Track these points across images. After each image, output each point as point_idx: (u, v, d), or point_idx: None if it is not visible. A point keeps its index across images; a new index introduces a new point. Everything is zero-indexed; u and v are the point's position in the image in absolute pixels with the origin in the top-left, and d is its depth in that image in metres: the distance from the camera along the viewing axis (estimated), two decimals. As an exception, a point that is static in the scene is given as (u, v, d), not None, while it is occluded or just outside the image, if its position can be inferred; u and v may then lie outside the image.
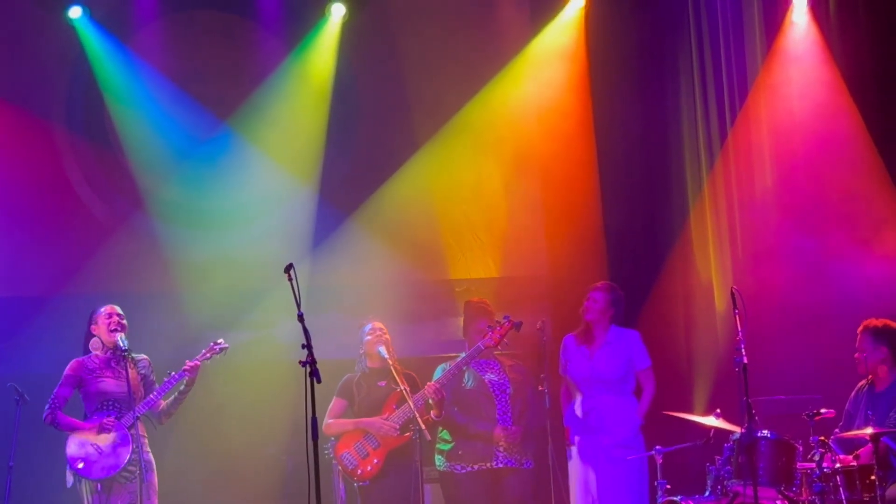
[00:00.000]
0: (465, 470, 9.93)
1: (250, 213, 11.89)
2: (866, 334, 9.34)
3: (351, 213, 11.98)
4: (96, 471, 9.48)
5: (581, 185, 11.91)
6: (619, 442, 9.94)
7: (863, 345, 9.35)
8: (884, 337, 9.27)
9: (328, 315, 11.24)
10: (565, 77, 12.02)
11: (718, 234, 11.75)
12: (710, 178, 11.78)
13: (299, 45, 11.95)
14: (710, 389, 11.25)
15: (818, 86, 11.55)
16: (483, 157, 12.16)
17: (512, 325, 9.86)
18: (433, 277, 12.09)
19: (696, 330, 11.69)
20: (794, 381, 10.86)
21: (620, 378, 10.04)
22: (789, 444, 8.96)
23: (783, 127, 11.61)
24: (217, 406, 11.36)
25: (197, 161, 11.80)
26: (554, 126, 12.01)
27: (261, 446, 11.58)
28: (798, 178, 11.48)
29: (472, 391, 10.05)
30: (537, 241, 12.14)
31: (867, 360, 9.30)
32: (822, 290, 11.01)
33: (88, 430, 9.54)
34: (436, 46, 12.00)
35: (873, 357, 9.28)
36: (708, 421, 9.32)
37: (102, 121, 11.76)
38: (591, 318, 10.12)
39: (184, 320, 11.45)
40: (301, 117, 11.95)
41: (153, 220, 11.73)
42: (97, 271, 11.51)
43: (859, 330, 9.37)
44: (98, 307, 9.79)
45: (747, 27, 11.78)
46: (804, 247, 11.27)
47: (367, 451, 9.81)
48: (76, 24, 11.61)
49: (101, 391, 9.64)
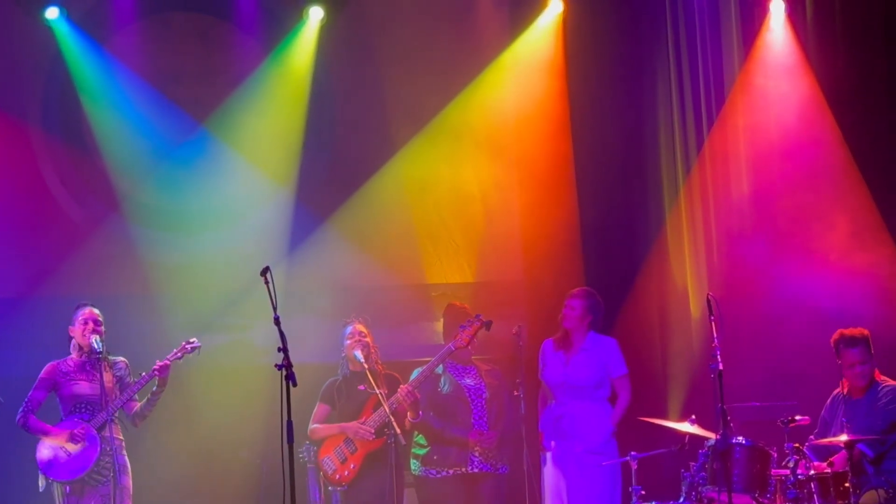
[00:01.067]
0: (441, 475, 9.93)
1: (227, 216, 11.86)
2: (859, 346, 9.27)
3: (328, 217, 11.94)
4: (63, 472, 9.47)
5: (558, 191, 11.92)
6: (590, 448, 9.94)
7: (862, 356, 9.26)
8: (868, 345, 9.28)
9: (304, 318, 11.23)
10: (543, 82, 12.02)
11: (694, 240, 11.78)
12: (686, 184, 11.81)
13: (277, 47, 11.91)
14: (684, 395, 11.28)
15: (795, 92, 11.60)
16: (460, 162, 12.15)
17: (482, 323, 9.85)
18: (410, 282, 12.09)
19: (671, 336, 11.72)
20: (769, 387, 10.89)
21: (594, 385, 10.04)
22: (764, 450, 8.97)
23: (760, 133, 11.65)
24: (192, 409, 11.32)
25: (173, 163, 11.76)
26: (531, 131, 12.02)
27: (235, 450, 11.55)
28: (774, 185, 11.52)
29: (448, 396, 10.04)
30: (514, 246, 12.14)
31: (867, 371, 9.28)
32: (797, 297, 11.04)
33: (57, 435, 9.52)
34: (414, 50, 11.99)
35: (871, 365, 9.28)
36: (683, 427, 9.31)
37: (79, 122, 11.71)
38: (570, 326, 10.13)
39: (159, 323, 11.42)
40: (278, 120, 11.92)
41: (129, 223, 11.69)
42: (73, 273, 11.46)
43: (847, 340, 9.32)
44: (78, 309, 9.76)
45: (725, 33, 11.82)
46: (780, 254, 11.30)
47: (345, 455, 9.80)
48: (53, 24, 11.54)
49: (74, 394, 9.62)
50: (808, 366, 10.37)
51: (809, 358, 10.37)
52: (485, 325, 9.88)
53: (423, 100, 11.99)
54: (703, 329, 10.57)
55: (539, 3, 11.99)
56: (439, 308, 10.83)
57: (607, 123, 11.91)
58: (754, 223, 11.57)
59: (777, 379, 11.01)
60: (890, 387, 9.24)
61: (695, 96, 11.84)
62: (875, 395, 9.23)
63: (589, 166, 11.90)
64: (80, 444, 9.47)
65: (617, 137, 11.92)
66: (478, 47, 12.09)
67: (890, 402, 9.15)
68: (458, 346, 9.84)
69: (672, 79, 11.89)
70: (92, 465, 9.48)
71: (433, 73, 11.97)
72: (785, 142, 11.52)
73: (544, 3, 11.97)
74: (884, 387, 9.25)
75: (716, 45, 11.82)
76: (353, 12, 11.96)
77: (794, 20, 11.73)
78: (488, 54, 12.09)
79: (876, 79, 11.45)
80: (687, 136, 11.86)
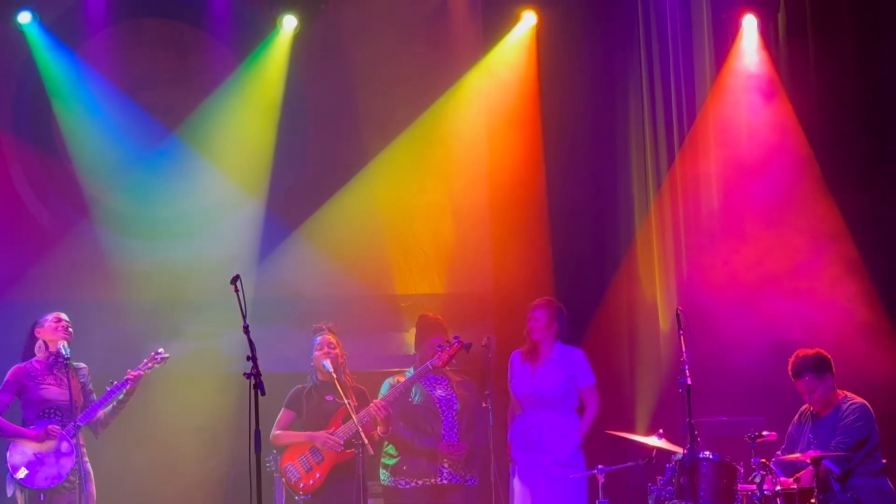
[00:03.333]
0: (410, 485, 9.92)
1: (197, 224, 11.82)
2: (806, 374, 9.29)
3: (298, 226, 11.92)
4: (39, 480, 9.42)
5: (528, 203, 11.93)
6: (558, 460, 9.96)
7: (810, 385, 9.30)
8: (825, 367, 9.30)
9: (273, 328, 11.21)
10: (515, 95, 12.04)
11: (664, 254, 11.80)
12: (657, 198, 11.84)
13: (250, 55, 11.88)
14: (652, 409, 11.30)
15: (766, 108, 11.63)
16: (431, 173, 12.15)
17: (462, 345, 9.88)
18: (379, 292, 12.06)
19: (640, 349, 11.74)
20: (736, 402, 10.92)
21: (562, 396, 10.05)
22: (731, 465, 8.97)
23: (731, 149, 11.68)
24: (158, 416, 11.28)
25: (144, 170, 11.72)
26: (503, 143, 12.03)
27: (202, 458, 11.49)
28: (744, 200, 11.55)
29: (418, 406, 10.04)
30: (484, 257, 12.14)
31: (820, 396, 9.32)
32: (766, 313, 11.07)
33: (32, 437, 9.46)
34: (387, 61, 12.00)
35: (823, 389, 9.30)
36: (650, 441, 9.33)
37: (50, 127, 11.67)
38: (538, 337, 10.14)
39: (127, 330, 11.39)
40: (250, 128, 11.89)
41: (99, 228, 11.65)
42: (41, 278, 11.41)
43: (793, 370, 9.32)
44: (46, 314, 9.71)
45: (697, 49, 11.87)
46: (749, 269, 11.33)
47: (310, 464, 9.77)
48: (25, 29, 11.50)
49: (43, 398, 9.56)
50: (775, 382, 10.37)
51: (777, 374, 10.35)
52: (464, 348, 9.90)
53: (395, 110, 12.00)
54: (672, 343, 10.58)
55: (512, 17, 12.00)
56: (409, 319, 10.84)
57: (579, 137, 11.94)
58: (724, 238, 11.59)
59: (744, 394, 11.04)
60: (856, 404, 9.26)
61: (667, 112, 11.89)
62: (840, 412, 9.26)
63: (560, 179, 11.92)
64: (53, 446, 9.41)
65: (589, 151, 11.96)
66: (451, 59, 12.10)
67: (857, 419, 9.17)
68: (436, 365, 9.87)
69: (644, 94, 11.93)
70: (67, 474, 9.44)
71: (406, 84, 11.99)
72: (755, 158, 11.55)
73: (517, 16, 11.99)
74: (850, 404, 9.27)
75: (688, 60, 11.87)
76: (327, 22, 11.95)
77: (767, 36, 11.78)
78: (461, 66, 12.10)
79: (848, 95, 11.50)
80: (658, 151, 11.91)
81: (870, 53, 11.53)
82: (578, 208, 11.92)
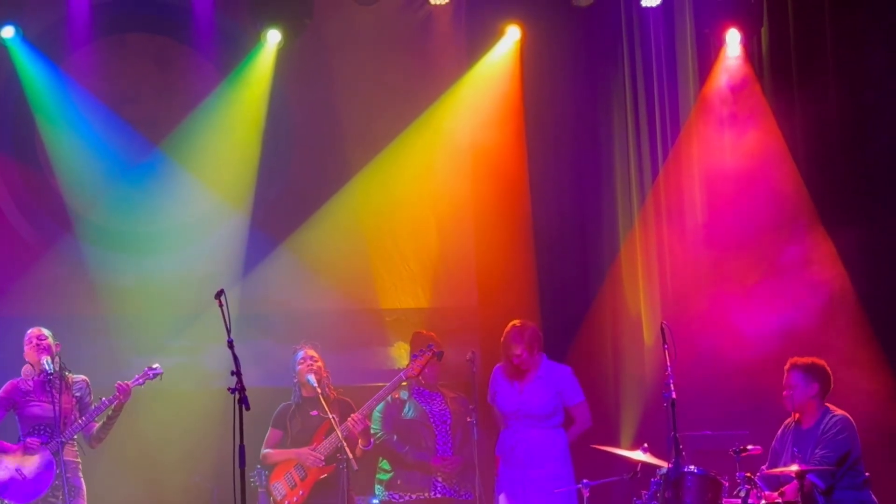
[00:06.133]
0: (404, 499, 9.92)
1: (181, 239, 11.79)
2: (796, 371, 9.32)
3: (282, 241, 11.91)
4: (19, 495, 9.40)
5: (512, 218, 11.92)
6: (548, 474, 9.94)
7: (792, 381, 9.31)
8: (815, 373, 9.30)
9: (257, 342, 11.21)
10: (499, 110, 12.02)
11: (648, 268, 11.80)
12: (641, 212, 11.85)
13: (234, 70, 11.87)
14: (637, 423, 11.29)
15: (750, 123, 11.66)
16: (415, 187, 12.13)
17: (433, 353, 9.89)
18: (364, 306, 12.05)
19: (624, 363, 11.73)
20: (721, 416, 10.92)
21: (549, 413, 10.06)
22: (716, 479, 8.97)
23: (714, 163, 11.70)
24: (143, 432, 11.24)
25: (128, 184, 11.70)
26: (487, 158, 12.00)
27: (186, 473, 11.45)
28: (728, 214, 11.57)
29: (412, 421, 10.04)
30: (468, 271, 12.13)
31: (796, 396, 9.31)
32: (751, 327, 11.08)
33: (13, 452, 9.45)
34: (370, 76, 12.01)
35: (804, 393, 9.29)
36: (635, 455, 9.33)
37: (33, 141, 11.66)
38: (526, 367, 10.10)
39: (111, 344, 11.38)
40: (234, 143, 11.88)
41: (82, 243, 11.63)
42: (24, 293, 11.40)
43: (787, 367, 9.38)
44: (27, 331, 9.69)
45: (681, 63, 11.89)
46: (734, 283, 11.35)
47: (294, 481, 9.76)
48: (8, 43, 11.49)
49: (34, 415, 9.57)
50: (760, 396, 10.41)
51: (762, 388, 10.40)
52: (436, 356, 9.91)
53: (379, 125, 11.99)
54: (657, 357, 10.59)
55: (496, 31, 11.99)
56: (393, 333, 10.83)
57: (563, 151, 11.95)
58: (708, 252, 11.61)
59: (729, 408, 11.04)
60: (838, 416, 9.27)
61: (650, 125, 11.89)
62: (823, 425, 9.27)
63: (544, 193, 11.92)
64: (35, 461, 9.39)
65: (572, 164, 11.96)
66: (435, 73, 12.10)
67: (839, 431, 9.17)
68: (409, 375, 9.89)
69: (628, 108, 11.94)
70: (48, 490, 9.41)
71: (389, 98, 11.99)
72: (739, 171, 11.58)
73: (501, 30, 11.98)
74: (833, 416, 9.28)
75: (672, 75, 11.89)
76: (311, 37, 11.93)
77: (750, 52, 11.82)
78: (445, 80, 12.09)
79: (832, 109, 11.53)
80: (643, 165, 11.91)
81: (852, 67, 11.56)
82: (563, 222, 11.91)
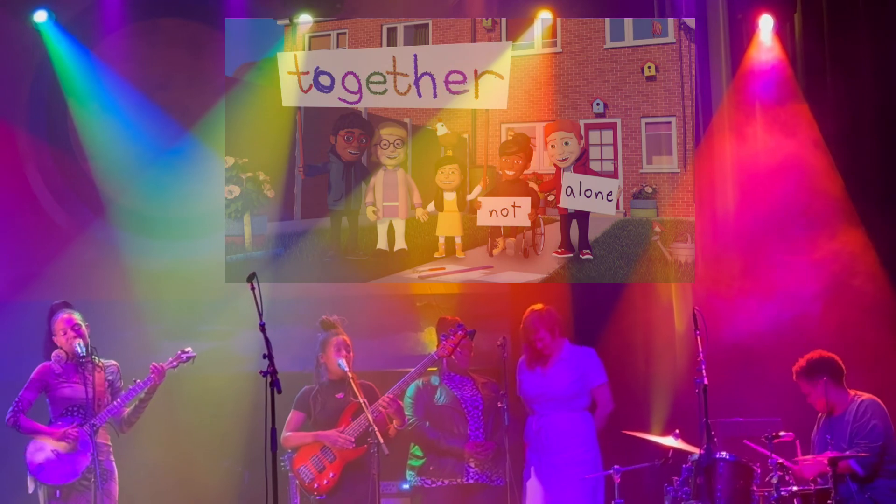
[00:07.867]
0: (436, 485, 9.89)
1: (212, 223, 11.80)
2: (799, 378, 9.49)
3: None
4: (55, 476, 9.43)
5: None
6: (572, 459, 9.91)
7: (802, 388, 9.50)
8: (815, 370, 9.38)
9: (288, 327, 11.19)
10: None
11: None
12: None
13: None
14: (669, 410, 11.26)
15: (783, 110, 11.59)
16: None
17: (465, 333, 9.82)
18: (395, 292, 12.03)
19: (655, 349, 11.70)
20: (753, 403, 10.89)
21: (573, 395, 10.01)
22: (747, 466, 8.97)
23: (747, 150, 11.64)
24: (174, 417, 11.29)
25: (160, 169, 11.73)
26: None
27: (217, 458, 11.51)
28: (761, 200, 11.51)
29: (444, 407, 10.01)
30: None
31: (815, 399, 9.42)
32: (783, 313, 11.04)
33: (50, 434, 9.47)
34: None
35: (818, 392, 9.35)
36: (667, 441, 9.32)
37: (65, 126, 11.70)
38: (549, 352, 10.08)
39: (142, 329, 11.42)
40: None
41: (114, 228, 11.67)
42: (57, 278, 11.43)
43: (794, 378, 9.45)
44: (55, 313, 9.71)
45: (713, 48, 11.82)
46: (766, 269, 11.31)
47: (323, 464, 9.73)
48: (41, 28, 11.52)
49: (66, 396, 9.58)
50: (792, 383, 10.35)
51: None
52: (468, 335, 9.85)
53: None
54: (688, 343, 10.55)
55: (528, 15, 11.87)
56: (424, 318, 10.82)
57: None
58: (739, 240, 11.56)
59: (761, 395, 11.00)
60: (867, 401, 9.28)
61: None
62: (854, 410, 9.27)
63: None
64: (72, 446, 9.43)
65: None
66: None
67: (871, 416, 9.19)
68: (441, 355, 9.82)
69: (661, 94, 11.90)
70: (83, 471, 9.44)
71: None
72: (772, 159, 11.52)
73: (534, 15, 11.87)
74: (861, 401, 9.30)
75: (703, 59, 11.82)
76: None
77: (783, 37, 11.75)
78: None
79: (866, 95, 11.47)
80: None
81: (887, 53, 11.49)
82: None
